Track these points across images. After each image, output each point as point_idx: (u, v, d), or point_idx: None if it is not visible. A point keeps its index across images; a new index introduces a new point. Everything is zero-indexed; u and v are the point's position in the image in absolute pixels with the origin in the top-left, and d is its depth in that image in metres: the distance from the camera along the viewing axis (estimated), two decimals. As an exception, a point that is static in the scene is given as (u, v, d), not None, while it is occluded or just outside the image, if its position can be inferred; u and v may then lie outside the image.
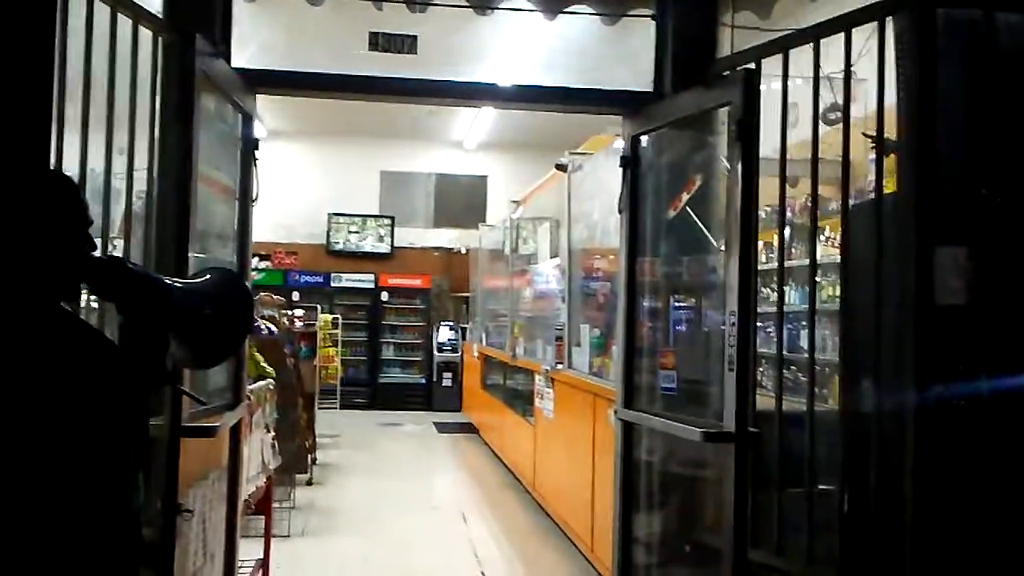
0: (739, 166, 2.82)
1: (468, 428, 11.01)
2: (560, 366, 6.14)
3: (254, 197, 3.36)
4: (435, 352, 13.58)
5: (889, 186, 2.89)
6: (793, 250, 5.09)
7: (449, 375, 13.39)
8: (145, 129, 2.96)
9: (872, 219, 2.79)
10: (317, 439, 8.28)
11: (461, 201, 14.81)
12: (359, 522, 6.29)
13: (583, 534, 5.30)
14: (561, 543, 5.72)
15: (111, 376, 1.71)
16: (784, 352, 2.98)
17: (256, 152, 3.37)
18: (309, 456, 7.81)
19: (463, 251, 13.97)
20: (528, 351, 7.51)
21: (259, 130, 11.82)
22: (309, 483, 7.47)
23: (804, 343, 3.98)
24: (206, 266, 2.95)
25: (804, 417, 2.92)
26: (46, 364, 1.63)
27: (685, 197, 3.72)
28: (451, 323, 13.82)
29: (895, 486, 2.65)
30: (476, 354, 10.56)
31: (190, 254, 2.76)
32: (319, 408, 8.80)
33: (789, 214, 5.05)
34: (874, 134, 3.10)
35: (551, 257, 6.78)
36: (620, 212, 3.48)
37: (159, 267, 2.81)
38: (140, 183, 3.09)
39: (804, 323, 4.00)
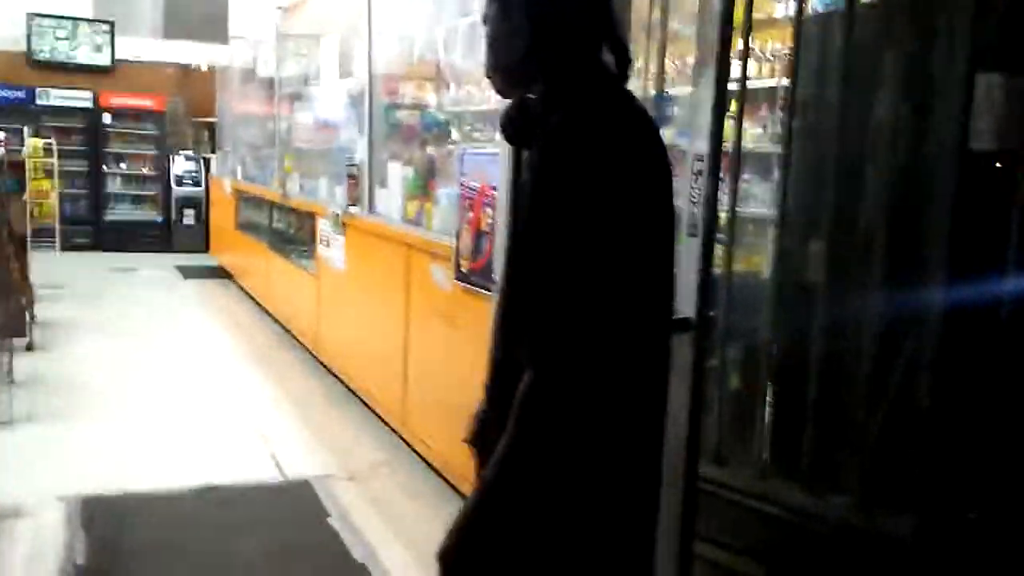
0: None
1: (219, 273, 9.74)
2: (355, 209, 5.19)
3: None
4: (174, 186, 11.84)
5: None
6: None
7: (191, 212, 11.79)
8: None
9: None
10: (35, 291, 6.79)
11: (197, 8, 12.68)
12: (104, 399, 5.12)
13: (392, 406, 4.59)
14: (361, 413, 4.97)
15: None
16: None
17: None
18: (27, 313, 6.37)
19: (203, 68, 12.07)
20: (307, 189, 6.42)
21: None
22: (30, 348, 6.09)
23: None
24: None
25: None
26: None
27: None
28: (191, 152, 12.07)
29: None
30: (229, 190, 9.18)
31: None
32: (32, 252, 7.22)
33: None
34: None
35: (341, 79, 5.64)
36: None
37: None
38: None
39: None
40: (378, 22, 4.84)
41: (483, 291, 3.40)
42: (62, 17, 11.81)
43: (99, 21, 12.04)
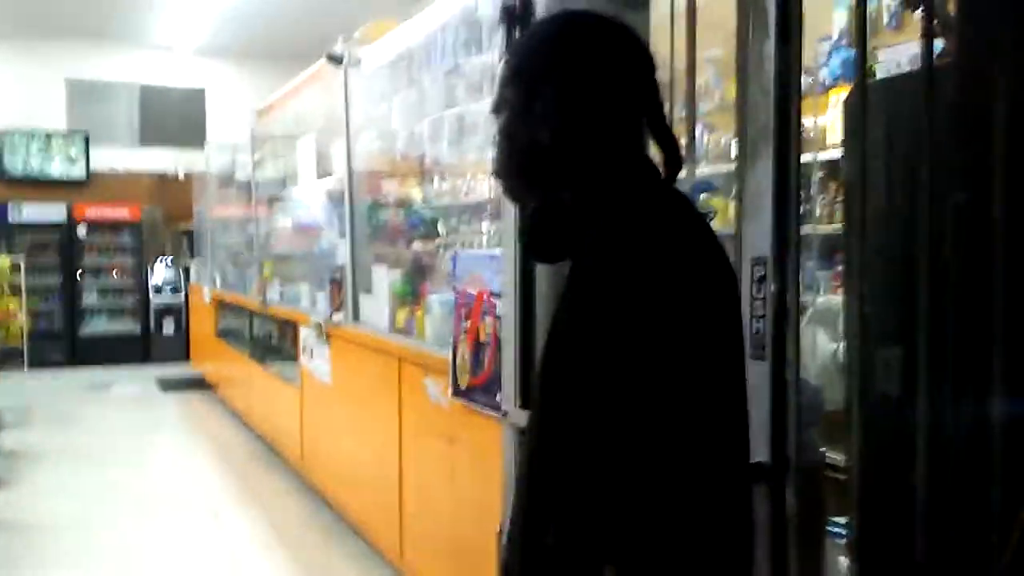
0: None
1: (200, 384, 9.25)
2: (338, 317, 4.79)
3: None
4: (152, 295, 11.45)
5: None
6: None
7: (171, 321, 11.37)
8: None
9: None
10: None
11: (174, 116, 12.55)
12: (70, 544, 4.59)
13: (388, 536, 4.10)
14: (353, 545, 4.47)
15: None
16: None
17: None
18: (-13, 446, 5.89)
19: (180, 176, 11.83)
20: (287, 297, 6.03)
21: None
22: (-10, 484, 5.58)
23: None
24: None
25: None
26: None
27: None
28: (169, 261, 11.72)
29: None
30: (208, 298, 8.79)
31: None
32: None
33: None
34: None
35: (319, 178, 5.32)
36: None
37: None
38: None
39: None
40: (356, 118, 4.54)
41: (485, 409, 2.98)
42: (36, 131, 11.62)
43: (74, 133, 11.85)
